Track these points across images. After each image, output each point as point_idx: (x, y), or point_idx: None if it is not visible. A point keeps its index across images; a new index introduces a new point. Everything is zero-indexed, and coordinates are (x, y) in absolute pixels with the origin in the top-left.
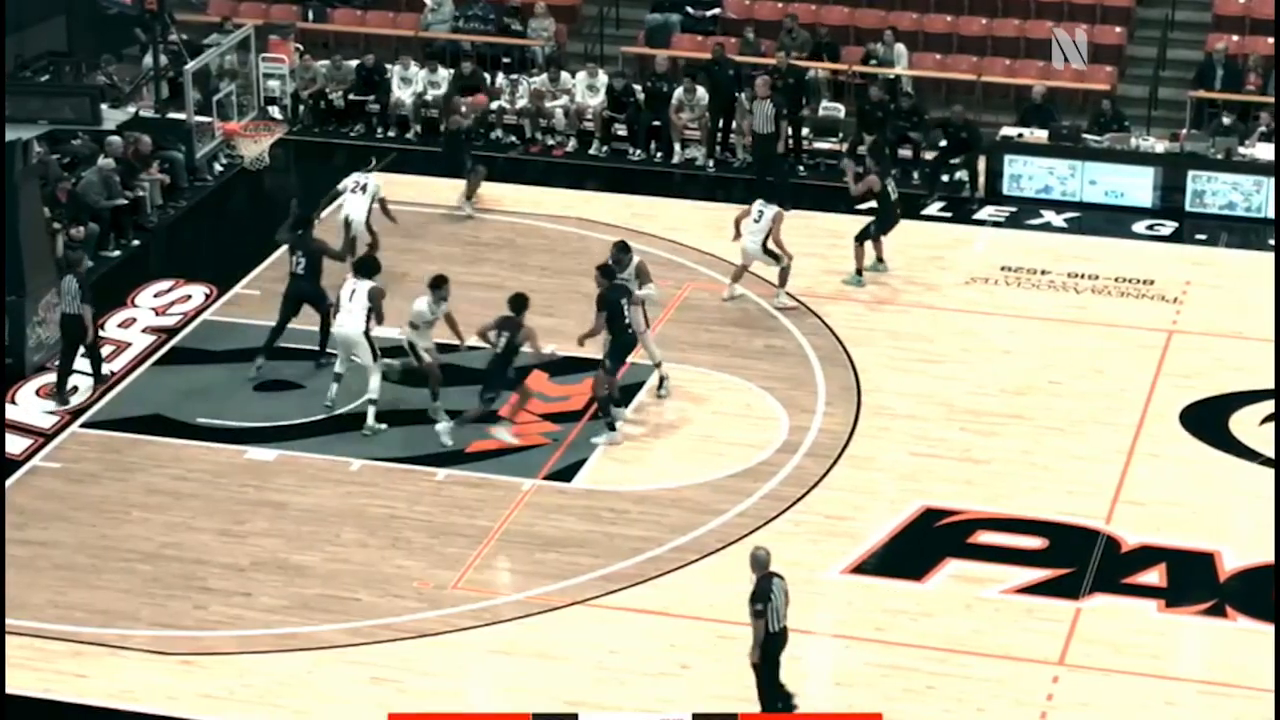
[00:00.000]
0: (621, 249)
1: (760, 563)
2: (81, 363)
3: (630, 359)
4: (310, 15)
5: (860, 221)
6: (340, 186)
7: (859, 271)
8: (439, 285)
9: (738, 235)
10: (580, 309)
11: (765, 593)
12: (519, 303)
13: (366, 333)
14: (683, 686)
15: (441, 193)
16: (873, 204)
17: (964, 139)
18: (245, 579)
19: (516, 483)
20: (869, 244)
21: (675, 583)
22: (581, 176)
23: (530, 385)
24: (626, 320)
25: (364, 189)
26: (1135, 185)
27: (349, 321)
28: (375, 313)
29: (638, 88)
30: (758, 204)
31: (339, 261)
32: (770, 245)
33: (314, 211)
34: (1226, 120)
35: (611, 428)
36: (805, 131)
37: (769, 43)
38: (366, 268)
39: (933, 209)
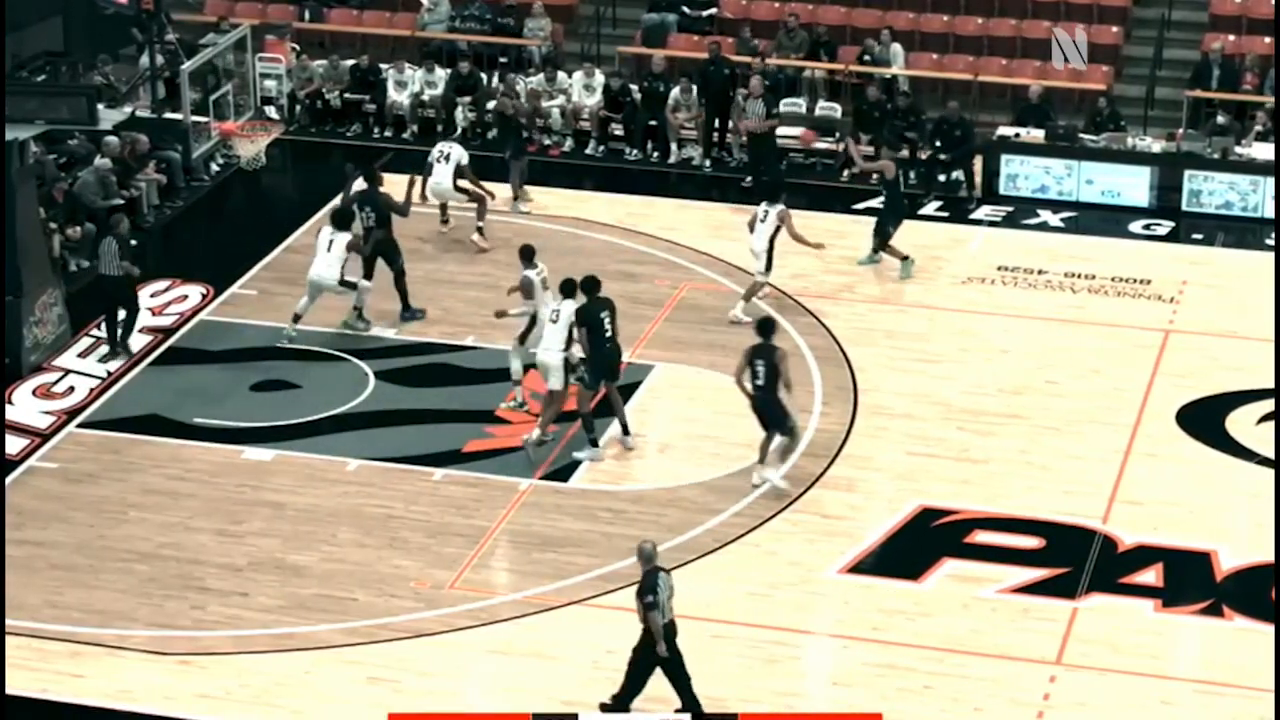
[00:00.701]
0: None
1: (646, 556)
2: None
3: (627, 358)
4: (307, 15)
5: (857, 220)
6: (429, 158)
7: (905, 258)
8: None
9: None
10: None
11: (652, 586)
12: (766, 327)
13: (341, 280)
14: None
15: None
16: (878, 199)
17: (959, 136)
18: (243, 579)
19: (514, 482)
20: (882, 237)
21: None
22: (578, 176)
23: (528, 384)
24: (608, 334)
25: (448, 158)
26: (1132, 185)
27: (324, 268)
28: (348, 263)
29: (634, 87)
30: (761, 206)
31: (402, 216)
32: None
33: (378, 161)
34: (1223, 120)
35: (594, 444)
36: (801, 131)
37: (766, 42)
38: (343, 219)
39: (930, 209)
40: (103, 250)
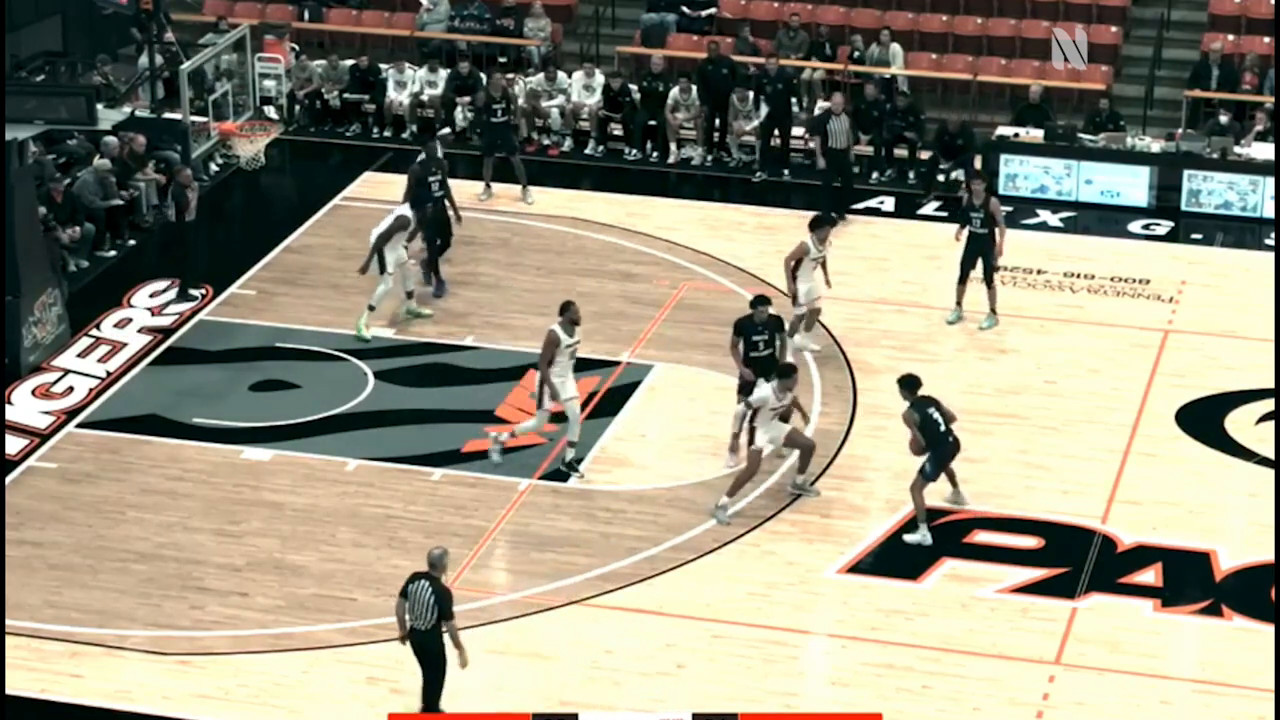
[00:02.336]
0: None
1: (430, 561)
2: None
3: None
4: (306, 15)
5: (852, 221)
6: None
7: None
8: (786, 374)
9: (794, 280)
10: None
11: (404, 591)
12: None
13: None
14: (678, 686)
15: None
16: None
17: (960, 145)
18: (241, 579)
19: (513, 482)
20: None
21: (671, 582)
22: (577, 176)
23: (528, 385)
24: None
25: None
26: (1131, 185)
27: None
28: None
29: (633, 87)
30: (810, 239)
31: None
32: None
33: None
34: (1222, 120)
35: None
36: (801, 131)
37: (765, 42)
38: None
39: (929, 209)
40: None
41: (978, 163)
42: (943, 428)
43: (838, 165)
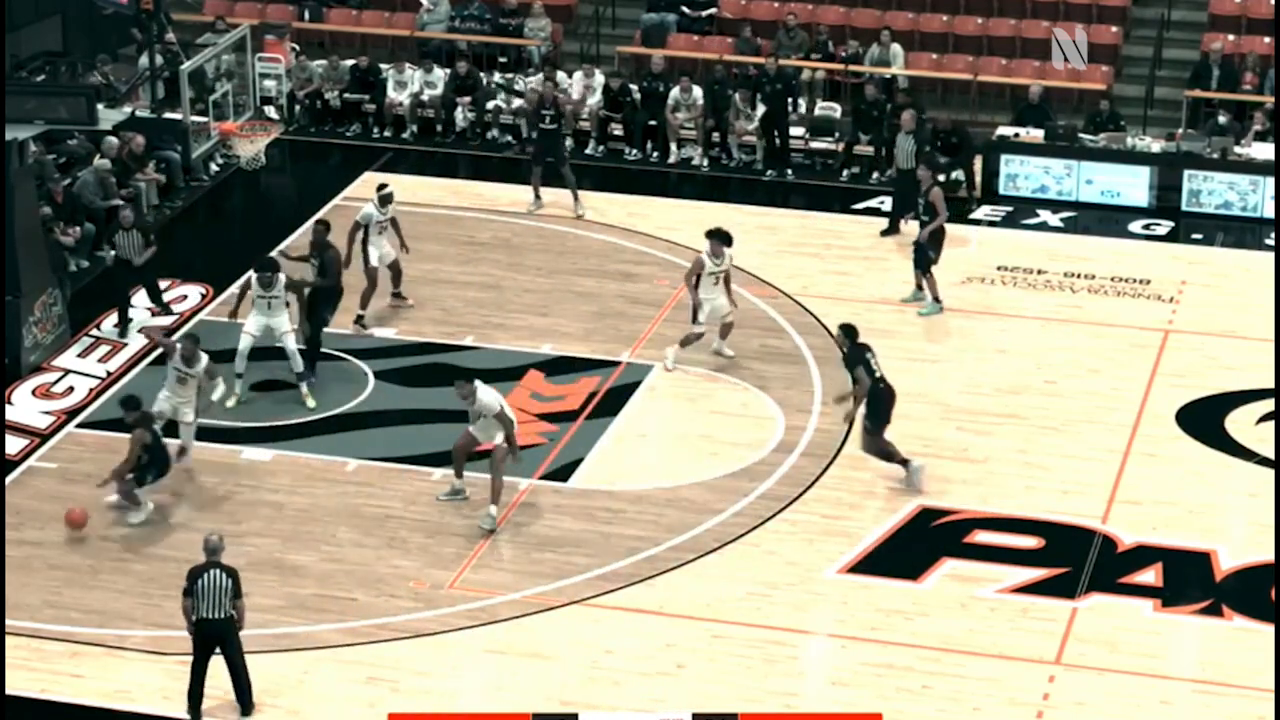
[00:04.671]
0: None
1: (209, 548)
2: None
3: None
4: (306, 15)
5: (856, 220)
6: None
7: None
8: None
9: (695, 294)
10: (576, 309)
11: (195, 574)
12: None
13: None
14: (678, 686)
15: (435, 193)
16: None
17: (954, 143)
18: (242, 580)
19: (513, 482)
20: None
21: (671, 582)
22: (578, 176)
23: (528, 384)
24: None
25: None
26: (1131, 185)
27: None
28: None
29: (634, 87)
30: (704, 252)
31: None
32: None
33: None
34: (1223, 120)
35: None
36: (802, 132)
37: (766, 42)
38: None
39: None
40: (124, 242)
41: (976, 161)
42: (877, 374)
43: (902, 183)
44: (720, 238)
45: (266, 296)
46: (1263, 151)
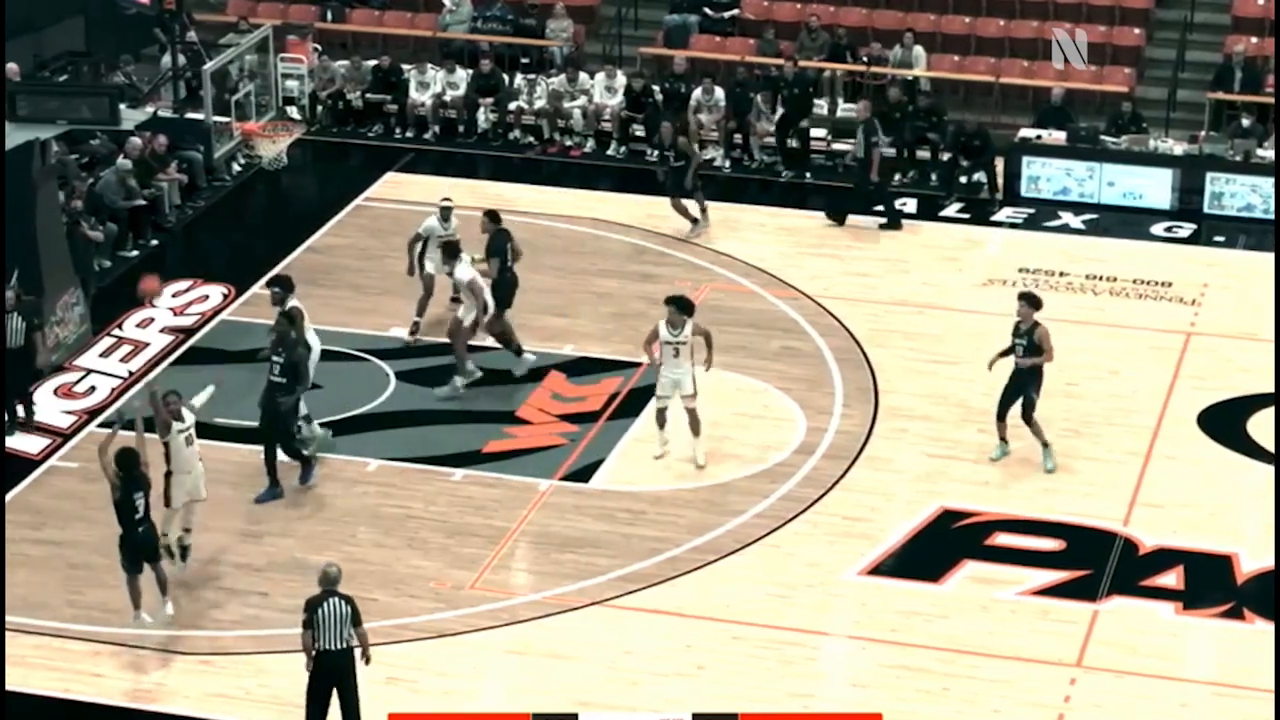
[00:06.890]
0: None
1: (328, 579)
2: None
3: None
4: (328, 15)
5: (876, 223)
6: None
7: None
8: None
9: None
10: (594, 309)
11: (313, 605)
12: None
13: None
14: (697, 687)
15: (457, 194)
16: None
17: (977, 146)
18: (262, 579)
19: (533, 483)
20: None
21: (692, 584)
22: (599, 177)
23: (549, 385)
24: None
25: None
26: (1153, 187)
27: None
28: None
29: (656, 89)
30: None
31: None
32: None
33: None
34: (1245, 122)
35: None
36: (824, 133)
37: (787, 44)
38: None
39: (951, 210)
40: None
41: (998, 163)
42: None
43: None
44: (679, 305)
45: None
46: None
